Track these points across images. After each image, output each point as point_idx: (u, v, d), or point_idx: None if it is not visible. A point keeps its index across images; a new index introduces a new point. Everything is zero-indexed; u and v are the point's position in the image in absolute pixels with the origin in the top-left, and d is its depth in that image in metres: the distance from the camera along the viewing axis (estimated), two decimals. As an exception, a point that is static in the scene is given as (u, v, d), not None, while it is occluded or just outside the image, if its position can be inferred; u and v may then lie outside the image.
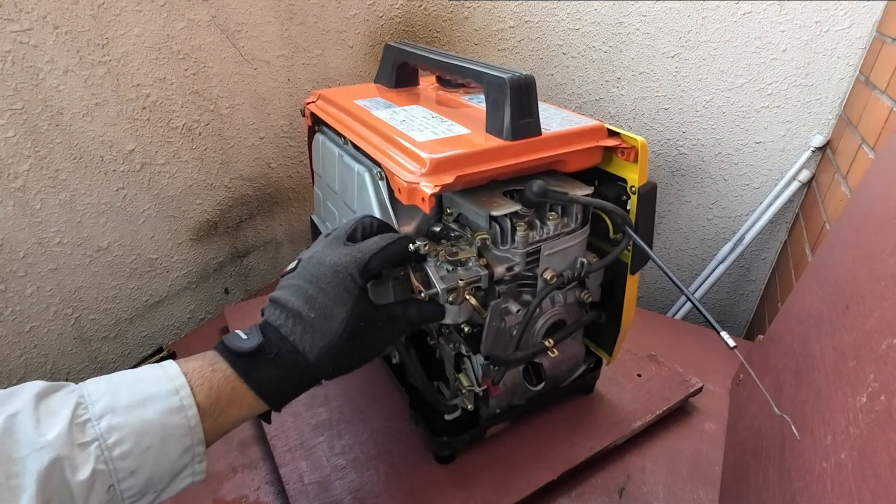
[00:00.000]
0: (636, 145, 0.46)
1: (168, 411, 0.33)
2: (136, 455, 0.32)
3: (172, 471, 0.34)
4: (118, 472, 0.31)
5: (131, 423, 0.32)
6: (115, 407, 0.32)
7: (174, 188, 0.82)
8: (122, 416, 0.32)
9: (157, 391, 0.34)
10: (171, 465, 0.34)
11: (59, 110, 0.66)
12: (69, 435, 0.30)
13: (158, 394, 0.34)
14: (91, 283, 0.76)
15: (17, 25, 0.60)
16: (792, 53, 0.92)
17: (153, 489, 0.34)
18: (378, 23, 1.01)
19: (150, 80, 0.74)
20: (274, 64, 0.89)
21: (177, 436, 0.33)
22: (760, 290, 1.15)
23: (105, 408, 0.32)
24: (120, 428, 0.32)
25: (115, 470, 0.31)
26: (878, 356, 0.34)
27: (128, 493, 0.32)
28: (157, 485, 0.34)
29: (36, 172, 0.66)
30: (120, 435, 0.32)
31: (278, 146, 0.96)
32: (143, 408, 0.33)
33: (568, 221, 0.49)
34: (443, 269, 0.45)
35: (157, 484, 0.34)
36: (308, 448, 0.57)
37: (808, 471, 0.37)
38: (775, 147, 1.00)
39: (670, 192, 1.13)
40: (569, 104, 1.14)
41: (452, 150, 0.44)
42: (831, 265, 0.53)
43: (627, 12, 1.00)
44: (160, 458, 0.33)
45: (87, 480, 0.30)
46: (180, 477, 0.35)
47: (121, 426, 0.32)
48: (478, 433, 0.56)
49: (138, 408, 0.33)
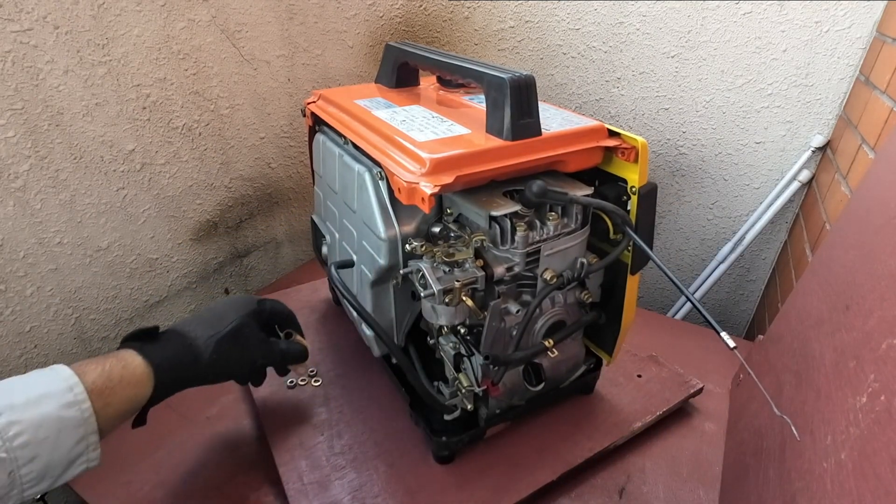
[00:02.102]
0: (636, 145, 0.46)
1: (63, 406, 0.39)
2: (34, 445, 0.37)
3: (68, 458, 0.40)
4: (18, 460, 0.36)
5: (29, 418, 0.37)
6: (13, 405, 0.37)
7: (174, 188, 0.82)
8: (20, 412, 0.37)
9: (50, 390, 0.39)
10: (66, 453, 0.39)
11: (60, 110, 0.66)
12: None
13: (53, 392, 0.39)
14: (91, 283, 0.76)
15: (18, 25, 0.60)
16: (792, 53, 0.92)
17: (50, 475, 0.39)
18: (378, 23, 1.01)
19: (151, 80, 0.74)
20: (274, 64, 0.89)
21: (71, 427, 0.39)
22: (760, 290, 1.15)
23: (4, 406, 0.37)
24: (19, 422, 0.37)
25: (15, 458, 0.36)
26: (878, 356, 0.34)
27: (27, 479, 0.37)
28: (53, 471, 0.39)
29: (36, 172, 0.66)
30: (19, 428, 0.36)
31: (278, 146, 0.96)
32: (38, 405, 0.38)
33: (568, 222, 0.49)
34: (440, 269, 0.45)
35: (54, 470, 0.39)
36: (308, 448, 0.57)
37: (809, 471, 0.37)
38: (775, 147, 1.00)
39: (670, 192, 1.13)
40: (569, 104, 1.14)
41: (452, 151, 0.44)
42: (831, 265, 0.53)
43: (627, 12, 1.00)
44: (56, 447, 0.38)
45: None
46: (76, 464, 0.40)
47: (20, 421, 0.37)
48: (478, 433, 0.56)
49: (34, 405, 0.38)
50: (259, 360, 0.53)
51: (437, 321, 0.46)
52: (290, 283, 0.88)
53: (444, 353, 0.52)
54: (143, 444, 0.60)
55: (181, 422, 0.64)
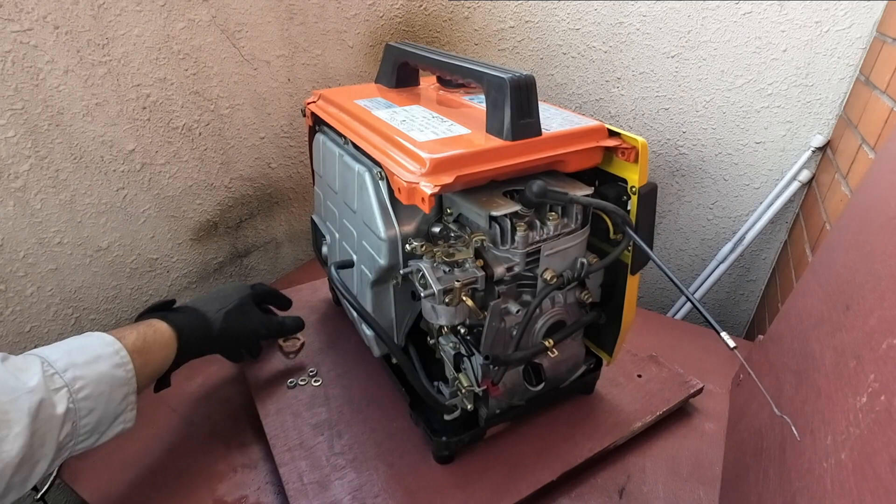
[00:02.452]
0: (636, 145, 0.46)
1: (115, 366, 0.45)
2: (94, 398, 0.43)
3: (114, 415, 0.45)
4: (80, 412, 0.42)
5: (90, 374, 0.43)
6: (75, 363, 0.43)
7: (174, 188, 0.82)
8: (83, 369, 0.43)
9: (103, 352, 0.46)
10: (114, 409, 0.45)
11: (60, 110, 0.66)
12: (44, 383, 0.40)
13: (105, 354, 0.45)
14: (91, 283, 0.76)
15: (17, 25, 0.60)
16: (792, 53, 0.92)
17: (98, 430, 0.45)
18: (378, 23, 1.01)
19: (151, 80, 0.74)
20: (274, 64, 0.89)
21: (119, 385, 0.45)
22: (760, 290, 1.15)
23: (67, 364, 0.42)
24: (83, 378, 0.43)
25: (78, 409, 0.42)
26: (878, 356, 0.34)
27: (82, 431, 0.43)
28: (101, 426, 0.45)
29: (36, 172, 0.66)
30: (83, 382, 0.42)
31: (278, 146, 0.96)
32: (96, 363, 0.44)
33: (568, 222, 0.49)
34: (440, 269, 0.45)
35: (102, 426, 0.45)
36: (308, 448, 0.57)
37: (809, 471, 0.37)
38: (775, 147, 1.00)
39: (670, 192, 1.13)
40: (569, 104, 1.14)
41: (452, 150, 0.44)
42: (831, 265, 0.53)
43: (627, 12, 1.00)
44: (109, 402, 0.44)
45: (62, 416, 0.41)
46: (116, 423, 0.46)
47: (84, 376, 0.43)
48: (478, 433, 0.56)
49: (93, 363, 0.44)
50: (262, 330, 0.64)
51: (437, 321, 0.46)
52: (290, 283, 0.88)
53: (444, 353, 0.52)
54: (143, 444, 0.60)
55: (181, 422, 0.64)
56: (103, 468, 0.58)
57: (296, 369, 0.69)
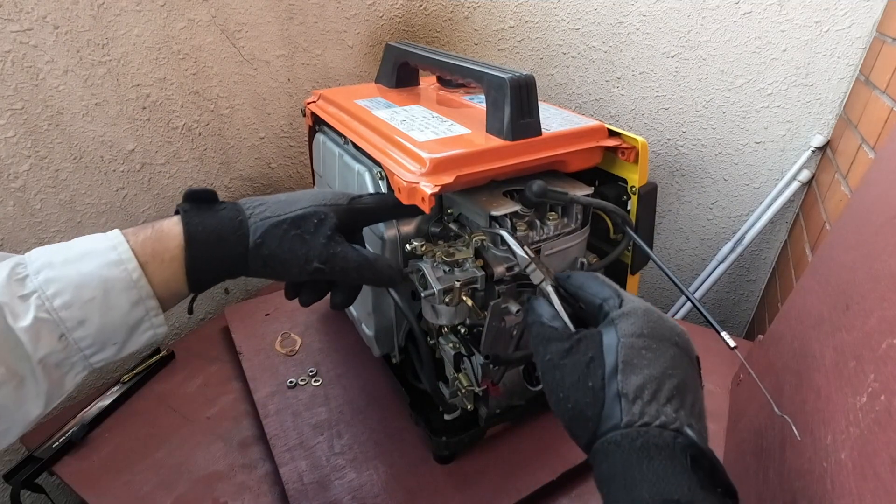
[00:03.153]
0: (636, 145, 0.46)
1: (106, 265, 0.34)
2: (79, 306, 0.33)
3: (126, 323, 0.35)
4: (65, 322, 0.33)
5: (68, 276, 0.33)
6: (52, 262, 0.33)
7: (174, 188, 0.81)
8: (59, 269, 0.33)
9: (93, 248, 0.35)
10: (122, 317, 0.35)
11: (59, 110, 0.66)
12: (7, 287, 0.32)
13: (95, 250, 0.35)
14: (91, 283, 0.76)
15: (17, 25, 0.60)
16: (792, 53, 0.92)
17: (111, 340, 0.35)
18: (378, 23, 1.01)
19: (150, 80, 0.74)
20: (274, 64, 0.89)
21: (120, 289, 0.34)
22: (760, 290, 1.15)
23: (42, 265, 0.33)
24: (57, 280, 0.33)
25: (61, 320, 0.33)
26: (878, 356, 0.34)
27: (83, 343, 0.34)
28: (113, 336, 0.35)
29: (36, 172, 0.66)
30: (58, 287, 0.33)
31: (278, 146, 0.96)
32: (79, 262, 0.34)
33: (568, 222, 0.49)
34: (439, 269, 0.45)
35: (114, 335, 0.35)
36: (308, 448, 0.57)
37: (809, 471, 0.37)
38: (775, 147, 1.00)
39: (670, 192, 1.13)
40: (569, 104, 1.14)
41: (452, 150, 0.44)
42: (831, 265, 0.53)
43: (627, 12, 1.00)
44: (106, 309, 0.34)
45: (31, 327, 0.32)
46: (139, 330, 0.36)
47: (58, 279, 0.33)
48: (477, 433, 0.56)
49: (75, 262, 0.34)
50: (314, 261, 0.38)
51: (437, 321, 0.46)
52: (290, 283, 0.88)
53: (444, 353, 0.52)
54: (143, 444, 0.60)
55: (181, 422, 0.64)
56: (103, 468, 0.58)
57: (296, 369, 0.69)
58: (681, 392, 0.29)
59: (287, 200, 0.40)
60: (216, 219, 0.37)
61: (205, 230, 0.37)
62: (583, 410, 0.30)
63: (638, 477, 0.26)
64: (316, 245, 0.39)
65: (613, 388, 0.29)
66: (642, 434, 0.27)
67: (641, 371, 0.29)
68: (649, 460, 0.26)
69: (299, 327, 0.76)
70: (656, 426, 0.27)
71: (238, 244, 0.37)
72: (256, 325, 0.77)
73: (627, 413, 0.28)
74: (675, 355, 0.31)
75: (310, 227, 0.39)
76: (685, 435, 0.27)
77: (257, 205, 0.39)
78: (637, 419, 0.28)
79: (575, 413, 0.30)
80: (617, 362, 0.30)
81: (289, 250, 0.38)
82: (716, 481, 0.27)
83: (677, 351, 0.32)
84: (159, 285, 0.36)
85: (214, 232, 0.37)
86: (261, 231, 0.38)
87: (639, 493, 0.26)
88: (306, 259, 0.38)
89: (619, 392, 0.29)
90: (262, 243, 0.38)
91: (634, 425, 0.28)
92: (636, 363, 0.30)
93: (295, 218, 0.38)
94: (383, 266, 0.41)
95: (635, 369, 0.29)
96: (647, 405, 0.28)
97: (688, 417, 0.28)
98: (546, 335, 0.34)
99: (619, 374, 0.29)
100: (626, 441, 0.27)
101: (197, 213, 0.37)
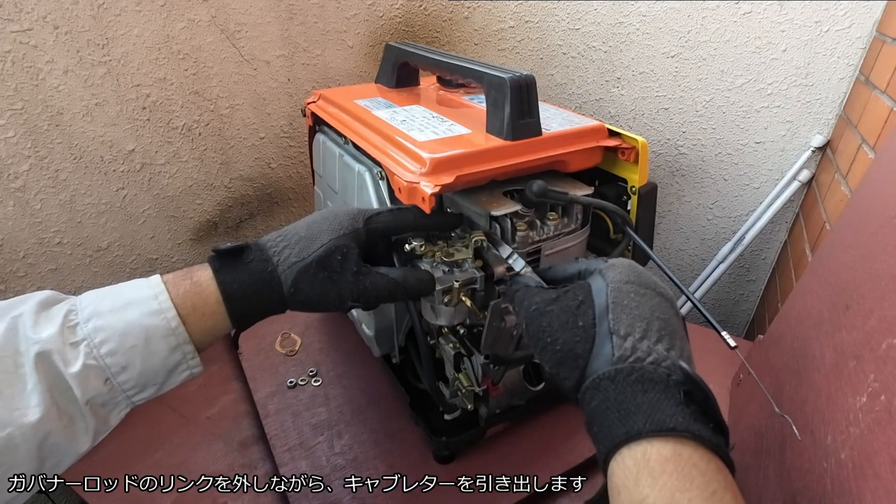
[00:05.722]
0: (636, 145, 0.47)
1: (148, 314, 0.37)
2: (123, 352, 0.36)
3: (165, 367, 0.38)
4: (110, 368, 0.35)
5: (114, 325, 0.36)
6: (100, 311, 0.36)
7: (174, 188, 0.82)
8: (106, 318, 0.36)
9: (137, 297, 0.37)
10: (161, 361, 0.37)
11: (59, 110, 0.66)
12: (60, 335, 0.34)
13: (138, 299, 0.37)
14: (91, 283, 0.76)
15: (17, 25, 0.60)
16: (792, 53, 0.92)
17: (152, 382, 0.38)
18: (378, 23, 1.01)
19: (150, 80, 0.74)
20: (274, 64, 0.89)
21: (160, 336, 0.37)
22: (760, 290, 1.15)
23: (91, 313, 0.36)
24: (104, 329, 0.35)
25: (107, 366, 0.35)
26: (878, 356, 0.34)
27: (126, 386, 0.36)
28: (153, 378, 0.38)
29: (36, 172, 0.66)
30: (105, 335, 0.35)
31: (278, 146, 0.96)
32: (124, 311, 0.36)
33: (568, 222, 0.49)
34: (439, 270, 0.45)
35: (154, 378, 0.38)
36: (308, 448, 0.57)
37: (809, 471, 0.37)
38: (775, 147, 1.00)
39: (670, 192, 1.13)
40: (569, 104, 1.14)
41: (452, 150, 0.44)
42: (831, 265, 0.53)
43: (627, 12, 1.00)
44: (147, 355, 0.36)
45: (80, 373, 0.34)
46: (177, 371, 0.38)
47: (105, 327, 0.35)
48: (477, 433, 0.56)
49: (121, 311, 0.36)
50: (348, 299, 0.41)
51: (436, 321, 0.46)
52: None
53: (444, 353, 0.52)
54: (143, 444, 0.60)
55: (181, 422, 0.64)
56: (103, 468, 0.58)
57: (296, 369, 0.69)
58: (670, 334, 0.30)
59: (308, 236, 0.41)
60: (248, 273, 0.39)
61: (240, 287, 0.39)
62: (572, 349, 0.30)
63: (633, 408, 0.26)
64: (345, 284, 0.40)
65: (604, 326, 0.30)
66: (637, 369, 0.27)
67: (631, 311, 0.30)
68: (644, 392, 0.27)
69: (299, 327, 0.76)
70: (649, 363, 0.28)
71: (274, 294, 0.40)
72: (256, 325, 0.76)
73: (619, 348, 0.28)
74: (661, 302, 0.32)
75: (336, 266, 0.40)
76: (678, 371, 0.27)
77: (283, 247, 0.40)
78: (629, 354, 0.28)
79: (564, 353, 0.30)
80: (607, 303, 0.30)
81: (321, 293, 0.40)
82: (708, 416, 0.27)
83: (663, 300, 0.32)
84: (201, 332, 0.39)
85: (251, 287, 0.39)
86: (291, 279, 0.39)
87: (633, 423, 0.26)
88: (340, 299, 0.40)
89: (611, 329, 0.29)
90: (296, 291, 0.40)
91: (627, 361, 0.28)
92: (626, 304, 0.30)
93: (319, 259, 0.40)
94: (414, 283, 0.42)
95: (625, 309, 0.30)
96: (638, 342, 0.28)
97: (678, 357, 0.29)
98: (532, 292, 0.35)
99: (610, 314, 0.30)
100: (621, 376, 0.28)
101: (229, 271, 0.39)
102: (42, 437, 0.33)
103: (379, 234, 0.43)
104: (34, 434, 0.33)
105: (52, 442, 0.34)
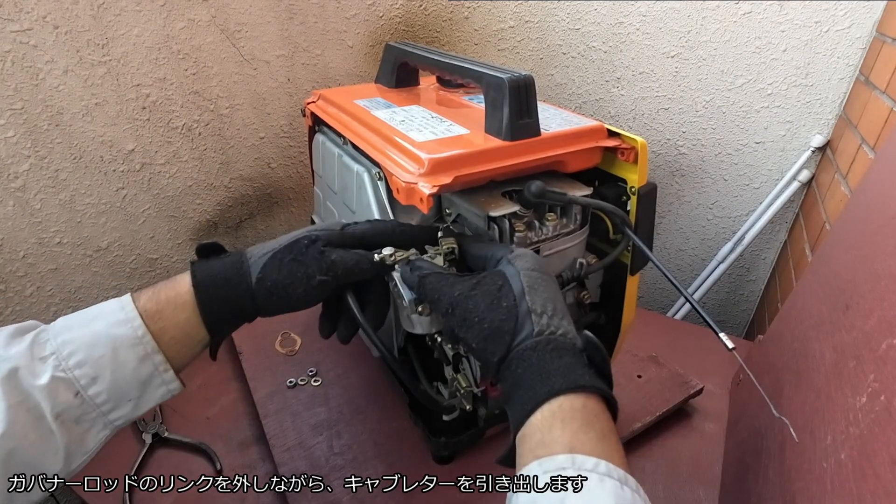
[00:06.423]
0: (636, 146, 0.46)
1: (114, 324, 0.37)
2: (91, 363, 0.36)
3: (137, 378, 0.38)
4: (80, 380, 0.36)
5: (82, 337, 0.37)
6: (69, 325, 0.37)
7: (174, 188, 0.82)
8: (74, 332, 0.37)
9: (104, 310, 0.38)
10: (131, 372, 0.37)
11: (59, 110, 0.66)
12: (29, 350, 0.35)
13: (105, 311, 0.38)
14: (91, 283, 0.76)
15: (17, 25, 0.60)
16: (792, 53, 0.92)
17: (126, 396, 0.38)
18: (378, 23, 1.01)
19: (150, 80, 0.74)
20: (274, 64, 0.89)
21: (127, 345, 0.37)
22: (760, 290, 1.15)
23: (61, 328, 0.37)
24: (73, 341, 0.36)
25: (76, 378, 0.36)
26: (878, 356, 0.34)
27: (99, 399, 0.37)
28: (127, 392, 0.38)
29: (36, 172, 0.66)
30: (73, 347, 0.36)
31: (278, 146, 0.96)
32: (92, 323, 0.37)
33: (567, 222, 0.48)
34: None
35: (127, 391, 0.38)
36: (307, 448, 0.57)
37: (808, 471, 0.37)
38: (775, 147, 1.00)
39: (670, 192, 1.13)
40: (569, 104, 1.14)
41: (451, 151, 0.44)
42: (831, 265, 0.53)
43: (627, 12, 1.00)
44: (116, 366, 0.37)
45: (48, 385, 0.35)
46: (152, 386, 0.39)
47: (73, 340, 0.36)
48: (477, 434, 0.55)
49: (88, 324, 0.37)
50: (316, 275, 0.40)
51: (413, 330, 0.45)
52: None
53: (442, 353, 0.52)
54: (142, 445, 0.60)
55: (181, 422, 0.64)
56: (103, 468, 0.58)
57: (296, 369, 0.69)
58: (566, 313, 0.37)
59: (283, 237, 0.43)
60: (221, 264, 0.41)
61: (211, 274, 0.40)
62: (500, 326, 0.35)
63: (552, 370, 0.33)
64: (311, 262, 0.41)
65: (524, 306, 0.35)
66: (552, 340, 0.34)
67: (542, 294, 0.36)
68: (559, 358, 0.33)
69: (299, 327, 0.76)
70: (559, 335, 0.35)
71: (242, 282, 0.40)
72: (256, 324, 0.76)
73: (538, 324, 0.35)
74: (556, 287, 0.39)
75: (302, 248, 0.41)
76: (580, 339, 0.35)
77: (258, 248, 0.42)
78: (546, 329, 0.35)
79: (492, 330, 0.35)
80: (522, 287, 0.36)
81: (288, 274, 0.41)
82: (604, 375, 0.34)
83: (556, 284, 0.39)
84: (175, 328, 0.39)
85: (220, 275, 0.40)
86: (260, 265, 0.41)
87: (554, 382, 0.32)
88: (307, 276, 0.41)
89: (530, 308, 0.35)
90: (264, 276, 0.40)
91: (544, 334, 0.34)
92: (536, 287, 0.37)
93: (287, 245, 0.42)
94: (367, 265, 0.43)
95: (537, 292, 0.36)
96: (550, 319, 0.35)
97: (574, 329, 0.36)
98: (449, 280, 0.39)
99: (527, 296, 0.36)
100: (541, 346, 0.34)
101: (205, 263, 0.41)
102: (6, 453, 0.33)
103: (356, 238, 0.44)
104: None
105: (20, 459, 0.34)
